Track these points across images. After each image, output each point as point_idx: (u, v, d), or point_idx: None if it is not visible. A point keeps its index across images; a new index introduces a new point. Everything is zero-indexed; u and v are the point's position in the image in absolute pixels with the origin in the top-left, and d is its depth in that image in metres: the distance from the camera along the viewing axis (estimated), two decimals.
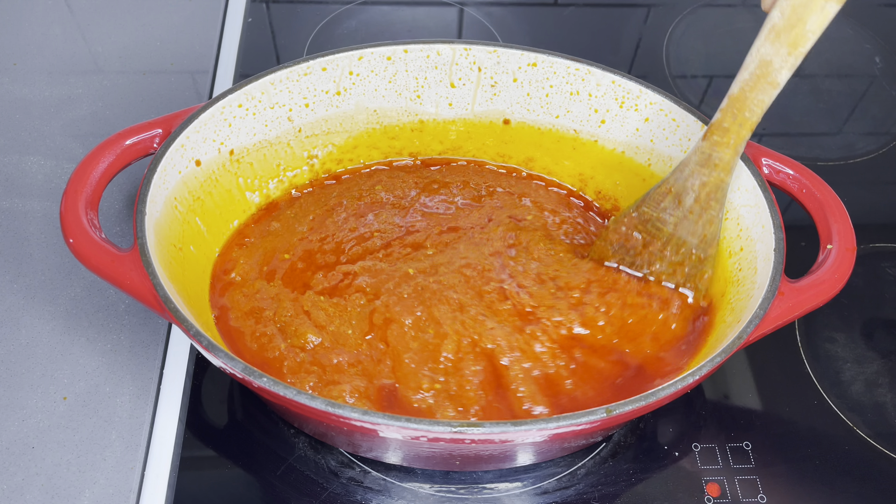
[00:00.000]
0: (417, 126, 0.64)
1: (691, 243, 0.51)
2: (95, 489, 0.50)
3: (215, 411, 0.55)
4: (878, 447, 0.55)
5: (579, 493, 0.52)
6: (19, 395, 0.54)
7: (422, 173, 0.64)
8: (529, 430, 0.39)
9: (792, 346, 0.60)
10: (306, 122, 0.61)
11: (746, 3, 0.92)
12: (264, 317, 0.52)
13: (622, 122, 0.60)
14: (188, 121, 0.53)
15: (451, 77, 0.62)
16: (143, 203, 0.48)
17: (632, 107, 0.59)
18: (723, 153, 0.49)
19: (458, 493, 0.52)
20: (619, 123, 0.60)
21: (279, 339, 0.51)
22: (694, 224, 0.51)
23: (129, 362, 0.56)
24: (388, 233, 0.59)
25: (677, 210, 0.51)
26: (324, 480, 0.52)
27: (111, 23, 0.81)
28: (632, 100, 0.58)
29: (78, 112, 0.72)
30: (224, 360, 0.42)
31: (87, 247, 0.46)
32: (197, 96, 0.74)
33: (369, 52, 0.60)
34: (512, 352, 0.51)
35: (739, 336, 0.44)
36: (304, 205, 0.60)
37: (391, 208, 0.60)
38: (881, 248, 0.67)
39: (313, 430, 0.51)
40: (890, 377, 0.59)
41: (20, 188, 0.65)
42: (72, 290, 0.59)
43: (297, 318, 0.52)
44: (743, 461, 0.53)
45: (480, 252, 0.57)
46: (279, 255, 0.56)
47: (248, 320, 0.52)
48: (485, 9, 0.88)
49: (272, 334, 0.51)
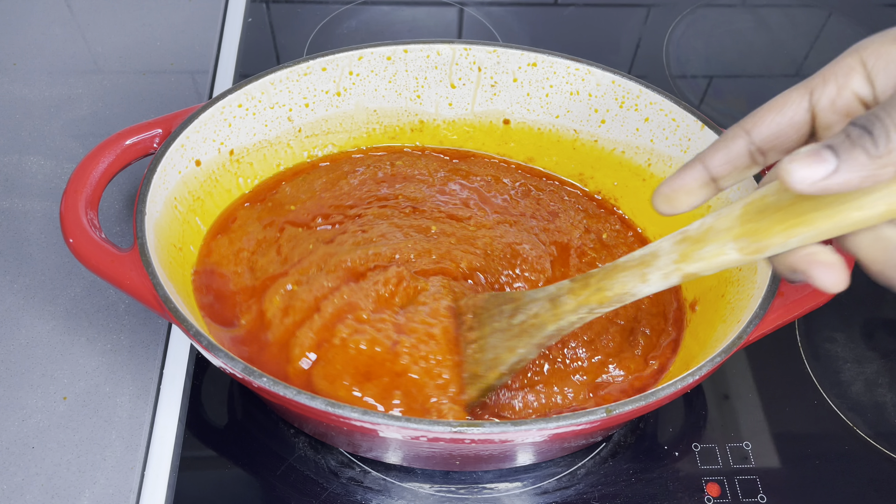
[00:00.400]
0: (417, 126, 0.64)
1: (486, 356, 0.47)
2: (95, 489, 0.50)
3: (215, 411, 0.55)
4: (878, 447, 0.55)
5: (579, 493, 0.52)
6: (19, 395, 0.54)
7: (444, 160, 0.65)
8: (529, 430, 0.39)
9: (792, 346, 0.60)
10: (306, 122, 0.61)
11: (746, 3, 0.92)
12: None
13: (622, 122, 0.60)
14: (188, 121, 0.53)
15: (451, 77, 0.62)
16: (143, 203, 0.48)
17: (632, 107, 0.59)
18: (567, 302, 0.43)
19: (458, 492, 0.52)
20: (619, 123, 0.60)
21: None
22: (502, 340, 0.46)
23: (129, 362, 0.56)
24: (422, 200, 0.60)
25: (505, 318, 0.46)
26: (324, 480, 0.52)
27: (111, 23, 0.81)
28: (632, 100, 0.58)
29: (78, 112, 0.72)
30: (224, 360, 0.42)
31: (87, 247, 0.46)
32: (197, 96, 0.74)
33: (369, 52, 0.60)
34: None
35: (739, 336, 0.44)
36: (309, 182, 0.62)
37: (418, 182, 0.61)
38: None
39: (313, 429, 0.51)
40: (890, 377, 0.59)
41: (20, 188, 0.65)
42: (72, 290, 0.59)
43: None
44: (743, 461, 0.53)
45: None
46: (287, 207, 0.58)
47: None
48: (485, 9, 0.88)
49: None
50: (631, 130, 0.60)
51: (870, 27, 0.89)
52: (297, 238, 0.56)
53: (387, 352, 0.47)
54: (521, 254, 0.55)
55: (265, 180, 0.61)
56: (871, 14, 0.91)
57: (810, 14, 0.91)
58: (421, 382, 0.46)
